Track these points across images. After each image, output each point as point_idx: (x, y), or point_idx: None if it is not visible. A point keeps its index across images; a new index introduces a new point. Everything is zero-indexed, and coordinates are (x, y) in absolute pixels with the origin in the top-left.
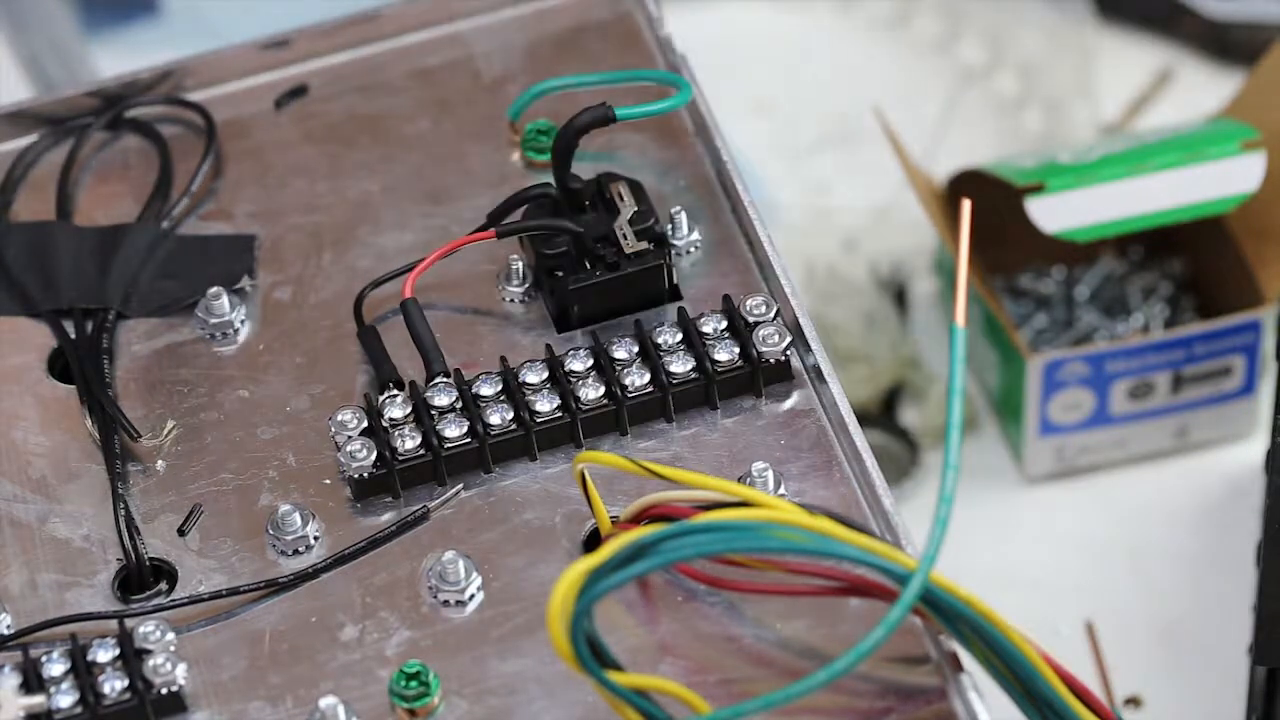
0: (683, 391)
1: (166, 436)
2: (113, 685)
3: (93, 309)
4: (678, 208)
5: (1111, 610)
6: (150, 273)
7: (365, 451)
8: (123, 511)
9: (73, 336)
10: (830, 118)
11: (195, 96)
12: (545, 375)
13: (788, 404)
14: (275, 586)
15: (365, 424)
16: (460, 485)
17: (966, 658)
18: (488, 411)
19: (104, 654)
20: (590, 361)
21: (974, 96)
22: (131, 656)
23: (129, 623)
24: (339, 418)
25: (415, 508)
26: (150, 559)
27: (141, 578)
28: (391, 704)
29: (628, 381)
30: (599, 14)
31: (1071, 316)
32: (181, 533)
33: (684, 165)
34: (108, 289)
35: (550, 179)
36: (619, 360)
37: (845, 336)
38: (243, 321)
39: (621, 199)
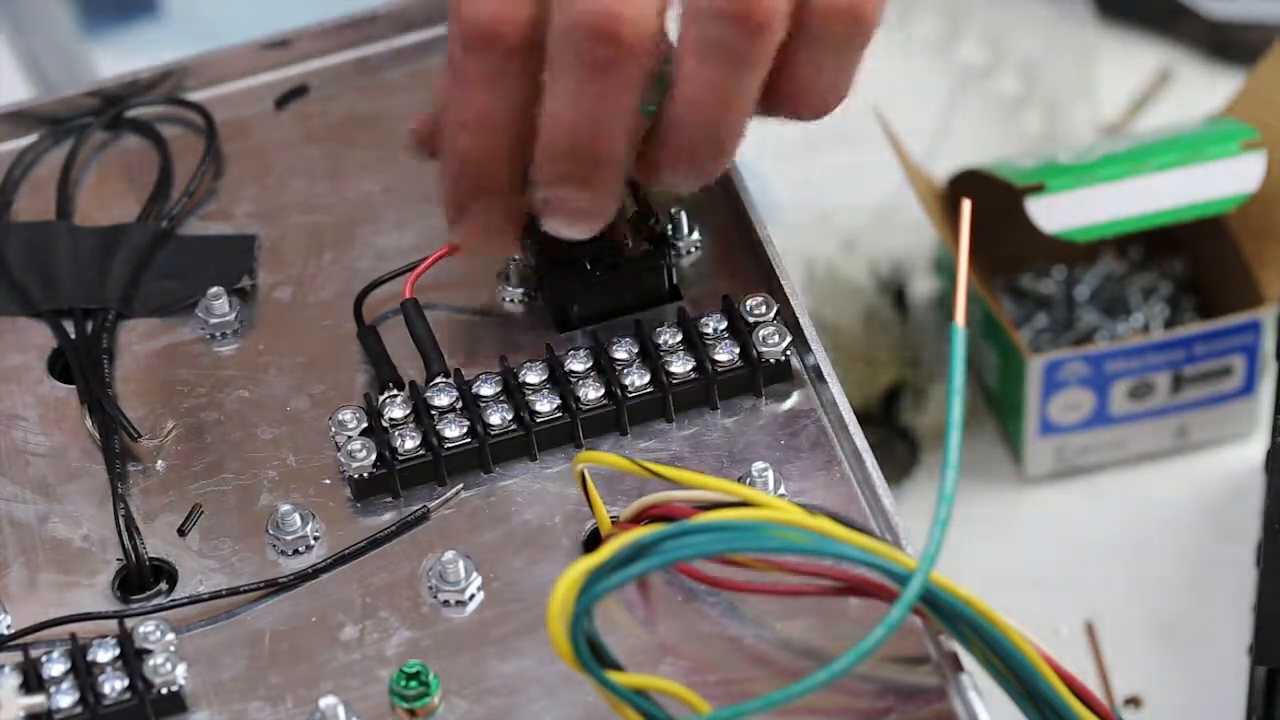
0: (683, 391)
1: (166, 436)
2: (113, 685)
3: (93, 309)
4: (678, 208)
5: (1111, 610)
6: (150, 273)
7: (365, 451)
8: (123, 511)
9: (73, 336)
10: (830, 118)
11: (195, 96)
12: (545, 375)
13: (788, 404)
14: (275, 586)
15: (365, 424)
16: (460, 485)
17: (966, 658)
18: (488, 411)
19: (104, 654)
20: (590, 361)
21: (974, 96)
22: (131, 656)
23: (129, 623)
24: (339, 418)
25: (415, 508)
26: (150, 559)
27: (141, 578)
28: (391, 704)
29: (628, 381)
30: None
31: (1071, 316)
32: (181, 533)
33: None
34: (108, 289)
35: None
36: (619, 360)
37: (845, 336)
38: (242, 321)
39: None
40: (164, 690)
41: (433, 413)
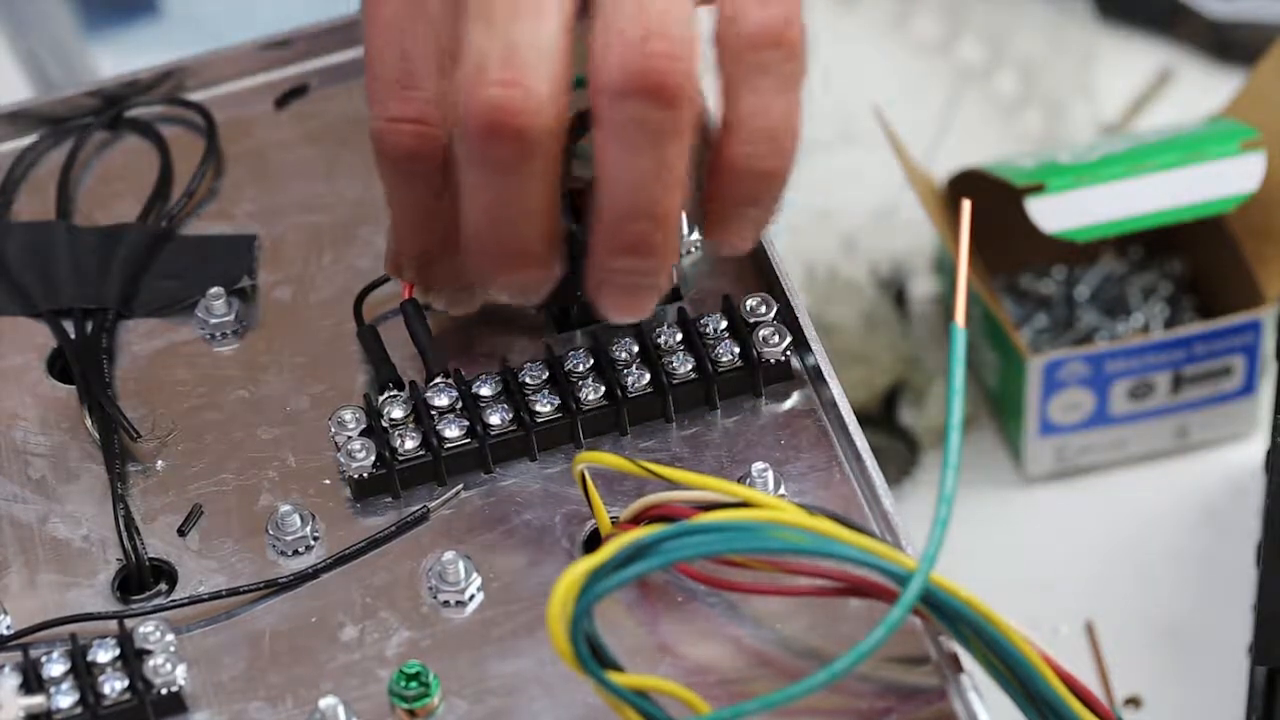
0: (683, 391)
1: (166, 436)
2: (113, 685)
3: (93, 309)
4: None
5: (1111, 610)
6: (150, 273)
7: (365, 451)
8: (123, 511)
9: (73, 336)
10: (830, 118)
11: (195, 96)
12: (545, 375)
13: (788, 404)
14: (275, 586)
15: (365, 424)
16: (460, 485)
17: (966, 658)
18: (487, 412)
19: (104, 654)
20: (590, 361)
21: (974, 96)
22: (131, 657)
23: (129, 623)
24: (339, 418)
25: (415, 508)
26: (150, 559)
27: (141, 578)
28: (391, 704)
29: (628, 381)
30: None
31: (1071, 316)
32: (181, 533)
33: None
34: (108, 289)
35: None
36: (619, 360)
37: (845, 336)
38: (243, 321)
39: None
40: (164, 691)
41: (432, 413)
